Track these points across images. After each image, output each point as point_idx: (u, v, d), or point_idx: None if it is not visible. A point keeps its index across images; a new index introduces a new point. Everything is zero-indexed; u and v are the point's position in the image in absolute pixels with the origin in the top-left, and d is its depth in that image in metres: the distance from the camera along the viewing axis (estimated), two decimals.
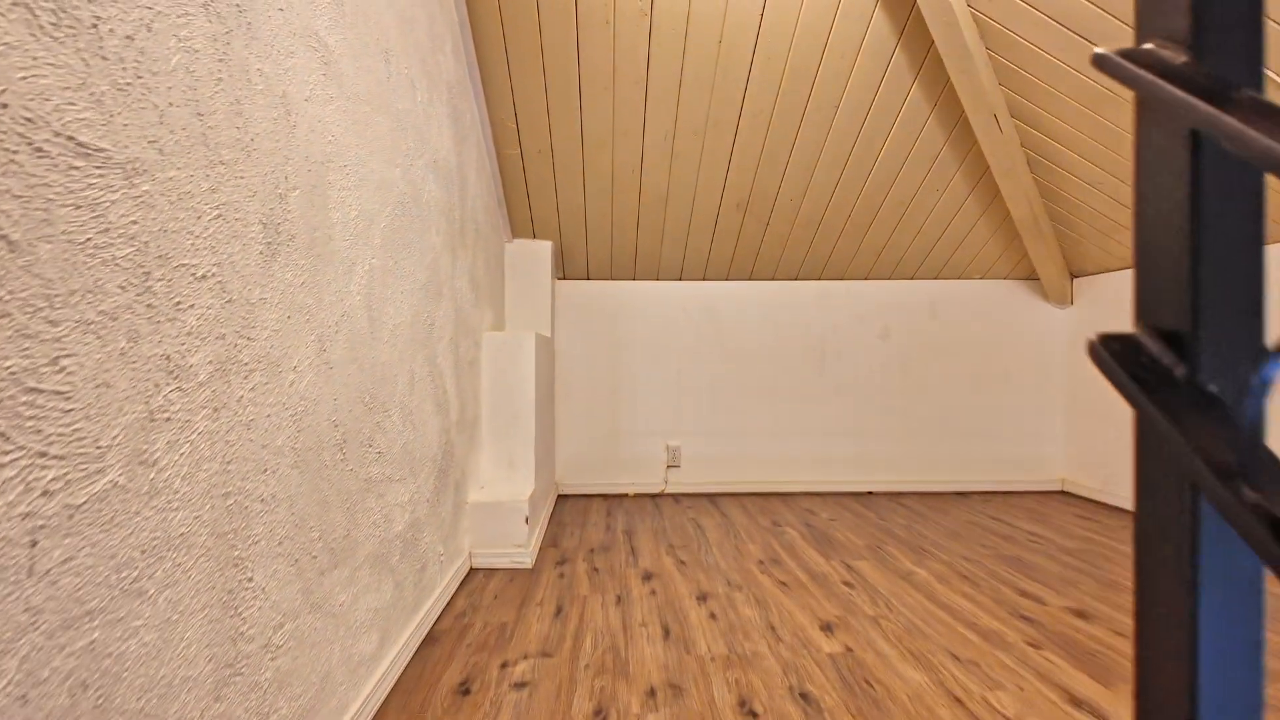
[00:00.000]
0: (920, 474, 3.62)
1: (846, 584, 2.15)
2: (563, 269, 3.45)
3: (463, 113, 2.25)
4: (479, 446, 2.46)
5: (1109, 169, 2.63)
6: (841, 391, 3.59)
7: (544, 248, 3.18)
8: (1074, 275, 3.53)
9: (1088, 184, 2.79)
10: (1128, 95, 2.24)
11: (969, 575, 2.23)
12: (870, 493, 3.55)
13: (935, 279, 3.63)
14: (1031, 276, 3.64)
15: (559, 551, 2.49)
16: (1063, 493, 3.58)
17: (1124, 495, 3.19)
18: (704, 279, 3.54)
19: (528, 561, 2.29)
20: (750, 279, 3.56)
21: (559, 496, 3.42)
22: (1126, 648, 1.67)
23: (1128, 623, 1.83)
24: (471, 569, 2.27)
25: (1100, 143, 2.53)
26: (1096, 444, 3.39)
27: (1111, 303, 3.29)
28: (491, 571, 2.26)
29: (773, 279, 3.57)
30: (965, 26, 2.25)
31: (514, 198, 2.98)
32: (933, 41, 2.41)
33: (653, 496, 3.44)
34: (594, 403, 3.47)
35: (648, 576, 2.21)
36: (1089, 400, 3.45)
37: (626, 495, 3.45)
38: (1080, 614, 1.90)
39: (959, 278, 3.63)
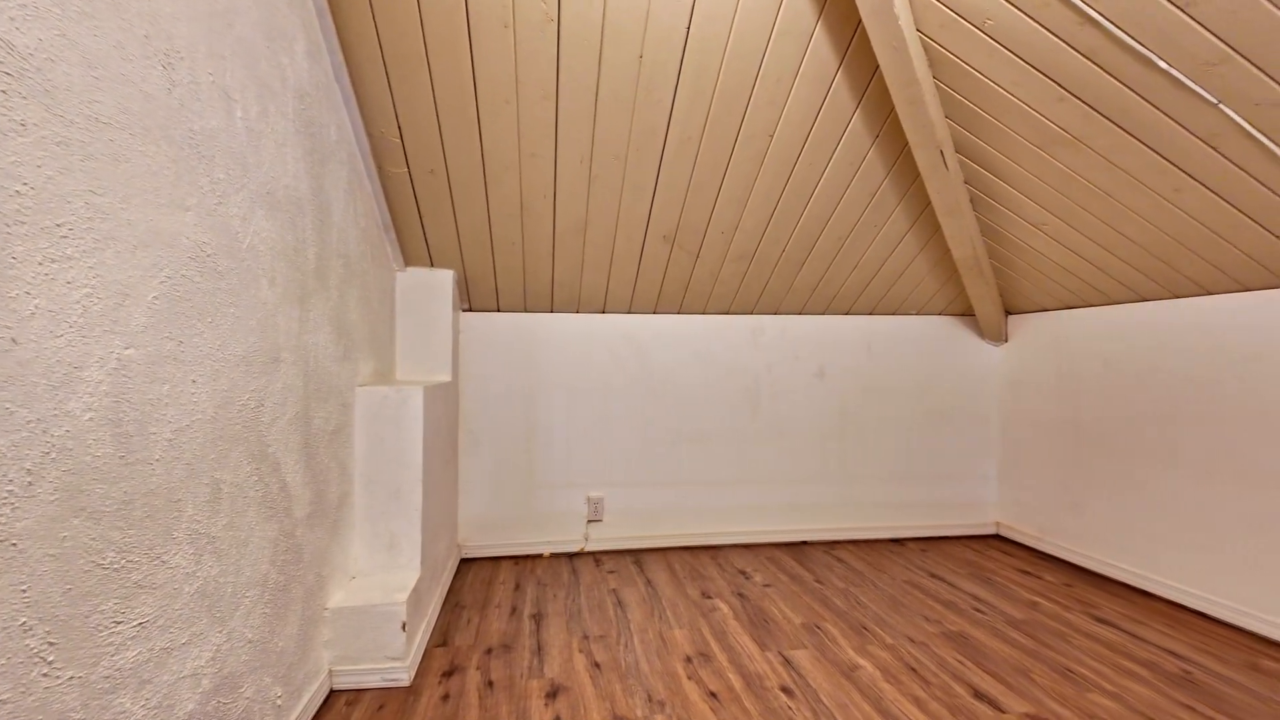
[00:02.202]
0: (856, 521, 3.41)
1: (785, 690, 1.86)
2: (468, 300, 3.03)
3: (323, 126, 1.82)
4: (347, 531, 2.03)
5: (1054, 210, 2.47)
6: (777, 435, 3.34)
7: (444, 278, 2.76)
8: (1009, 313, 3.42)
9: (1031, 224, 2.63)
10: (1084, 136, 2.06)
11: (917, 667, 1.99)
12: (805, 543, 3.31)
13: (871, 314, 3.44)
14: (967, 313, 3.51)
15: (448, 654, 2.08)
16: (998, 537, 3.46)
17: (1061, 544, 3.07)
18: (630, 312, 3.20)
19: (405, 677, 1.88)
20: (680, 312, 3.25)
21: (462, 561, 3.00)
22: None
23: None
24: (332, 692, 1.83)
25: (1048, 183, 2.35)
26: (1031, 485, 3.28)
27: (1046, 341, 3.17)
28: (358, 694, 1.83)
29: (704, 313, 3.28)
30: (914, 53, 2.01)
31: (405, 222, 2.55)
32: (878, 67, 2.16)
33: (570, 557, 3.07)
34: (505, 452, 3.07)
35: (553, 693, 1.84)
36: (1023, 440, 3.33)
37: (541, 556, 3.07)
38: None
39: (894, 313, 3.46)
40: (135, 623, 0.98)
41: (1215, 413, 2.36)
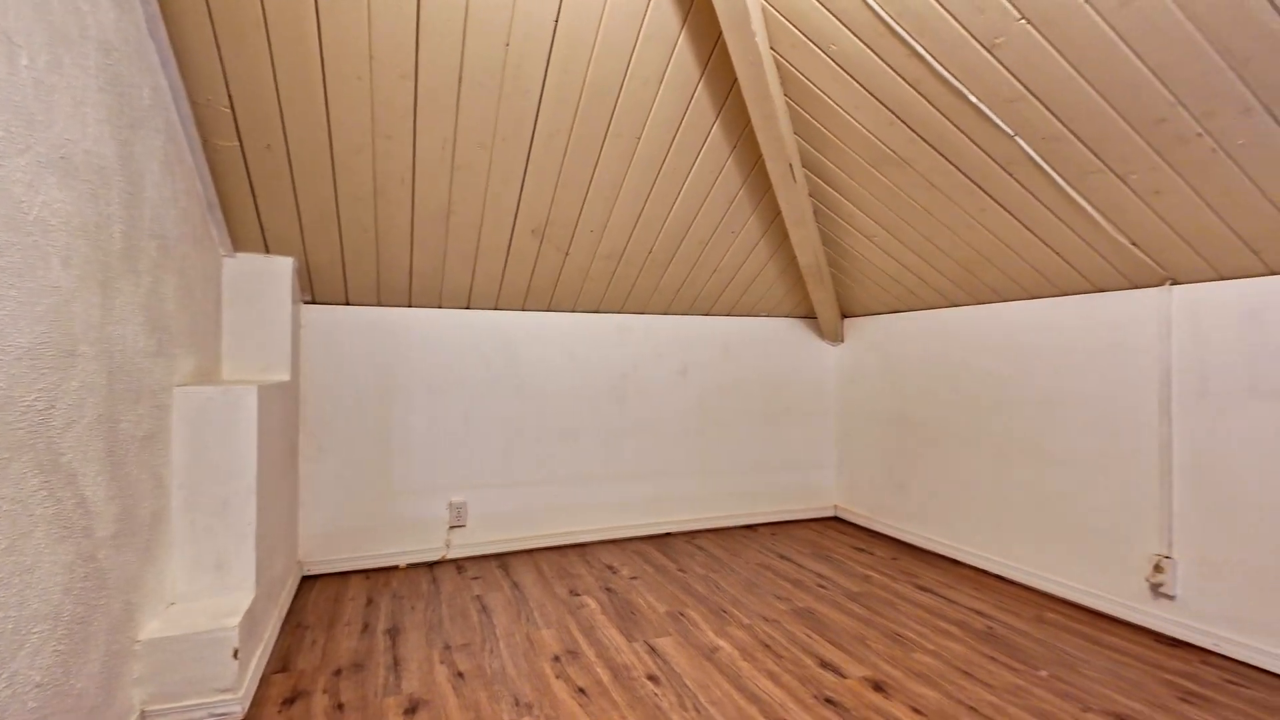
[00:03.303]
0: (715, 510, 3.58)
1: (651, 678, 1.90)
2: (311, 292, 2.77)
3: (134, 87, 1.57)
4: (164, 552, 1.77)
5: (883, 223, 2.76)
6: (642, 431, 3.41)
7: (281, 266, 2.50)
8: (845, 316, 3.77)
9: (864, 236, 2.92)
10: (909, 158, 2.32)
11: (770, 644, 2.13)
12: (668, 534, 3.42)
13: (728, 315, 3.63)
14: (810, 316, 3.82)
15: (290, 679, 1.89)
16: (837, 518, 3.80)
17: (889, 523, 3.44)
18: (497, 308, 3.11)
19: (238, 709, 1.67)
20: (550, 310, 3.22)
21: (304, 579, 2.74)
22: None
23: (919, 693, 1.82)
24: None
25: (878, 199, 2.63)
26: (863, 471, 3.64)
27: (875, 342, 3.54)
28: None
29: (573, 311, 3.27)
30: (769, 70, 2.15)
31: (235, 203, 2.28)
32: (736, 80, 2.29)
33: (431, 566, 2.92)
34: (356, 457, 2.85)
35: (412, 708, 1.73)
36: (857, 430, 3.70)
37: (397, 568, 2.88)
38: (878, 687, 1.86)
39: (749, 315, 3.68)
40: None
41: (1009, 403, 2.77)
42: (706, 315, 3.58)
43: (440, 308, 3.00)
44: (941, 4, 1.72)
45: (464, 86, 2.10)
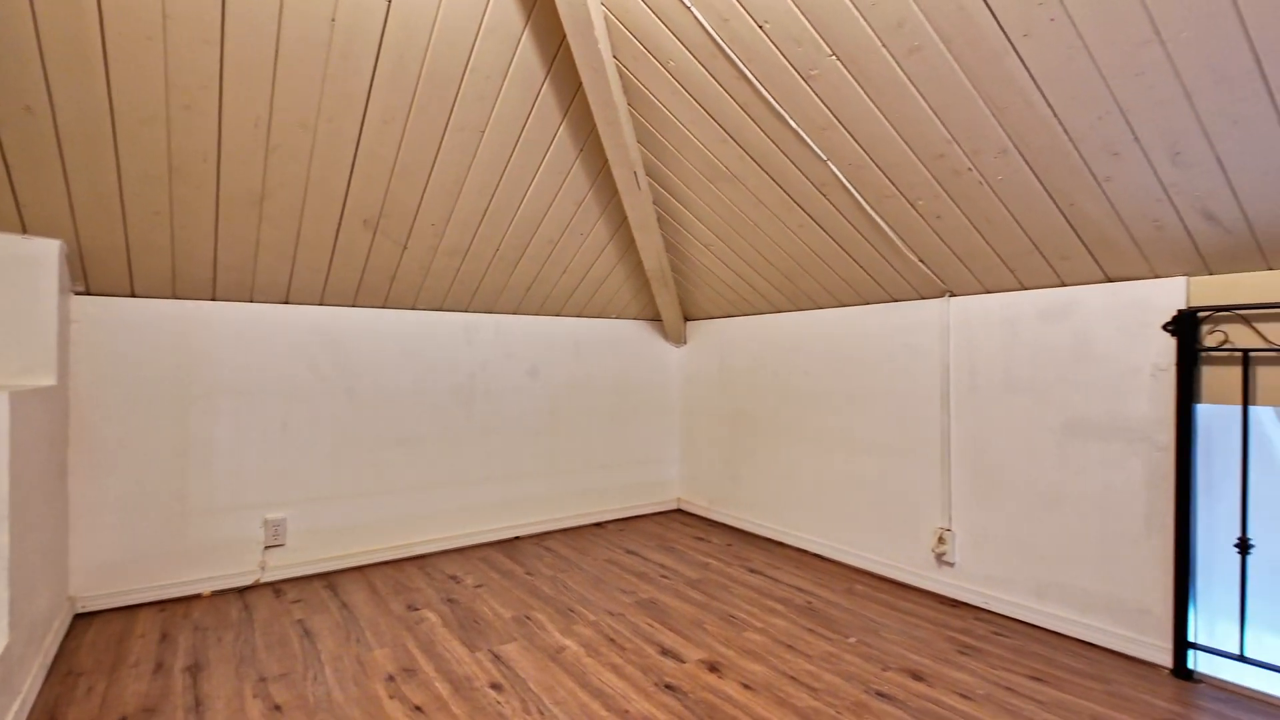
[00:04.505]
0: (564, 510, 3.59)
1: (494, 686, 1.86)
2: (85, 281, 2.36)
3: None
4: None
5: (718, 234, 2.95)
6: (490, 433, 3.32)
7: (45, 250, 2.10)
8: (687, 319, 3.96)
9: (702, 244, 3.09)
10: (739, 174, 2.49)
11: (615, 637, 2.18)
12: (517, 538, 3.36)
13: (579, 316, 3.65)
14: (656, 318, 3.96)
15: None
16: (679, 510, 3.98)
17: (725, 512, 3.67)
18: (322, 303, 2.85)
19: None
20: (386, 306, 3.01)
21: (76, 617, 2.32)
22: (756, 705, 1.76)
23: (749, 669, 1.96)
24: None
25: (715, 212, 2.79)
26: (703, 464, 3.85)
27: (714, 344, 3.77)
28: None
29: (414, 308, 3.09)
30: (612, 78, 2.20)
31: None
32: (580, 84, 2.31)
33: (242, 592, 2.61)
34: (144, 473, 2.46)
35: None
36: (697, 426, 3.90)
37: (200, 597, 2.54)
38: (713, 668, 1.97)
39: (599, 316, 3.73)
40: None
41: (826, 399, 3.08)
42: (557, 316, 3.57)
43: (252, 302, 2.69)
44: (765, 32, 1.88)
45: (281, 60, 1.91)
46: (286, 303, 2.77)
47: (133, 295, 2.46)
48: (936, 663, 2.01)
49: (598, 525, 3.65)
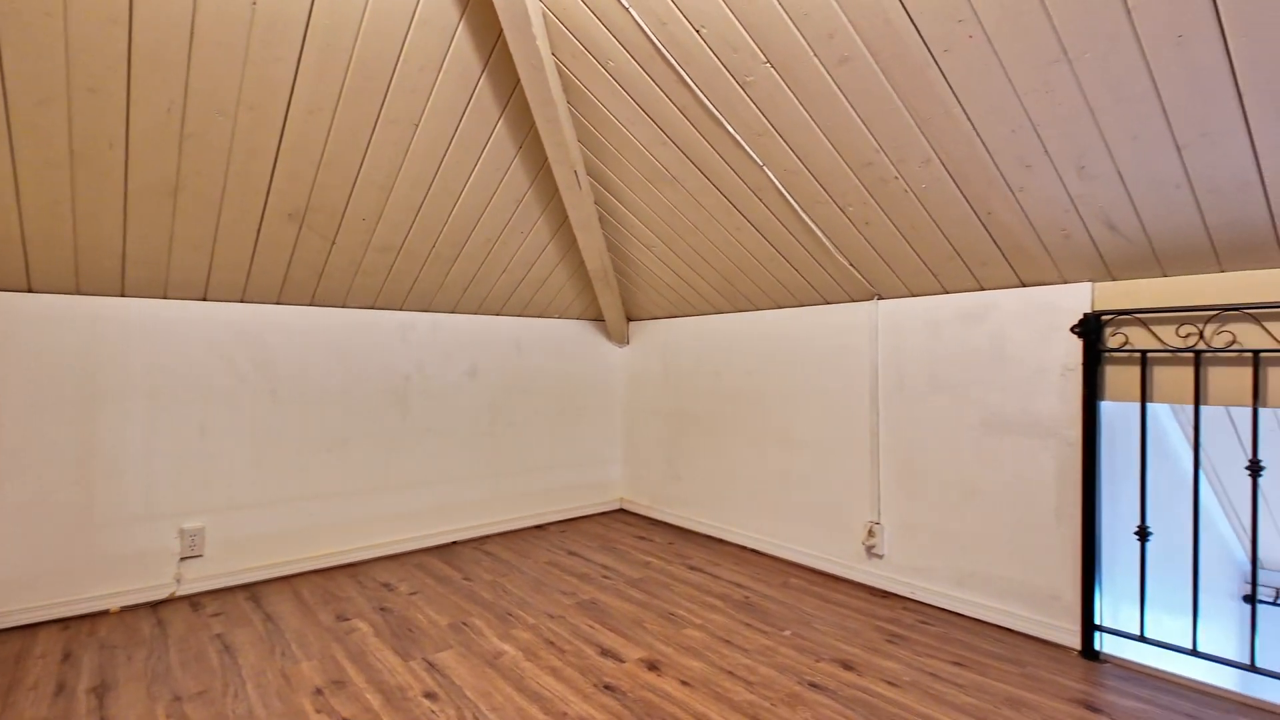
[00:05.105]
0: (504, 513, 3.53)
1: (429, 695, 1.81)
2: None
3: None
4: None
5: (660, 235, 2.96)
6: (427, 436, 3.23)
7: None
8: (630, 318, 3.97)
9: (643, 245, 3.10)
10: (679, 177, 2.51)
11: (555, 640, 2.16)
12: (455, 543, 3.29)
13: (520, 316, 3.61)
14: (599, 318, 3.95)
15: None
16: (622, 510, 3.98)
17: (668, 510, 3.70)
18: (244, 300, 2.71)
19: None
20: (314, 304, 2.89)
21: None
22: (694, 701, 1.78)
23: (688, 666, 1.98)
24: None
25: (656, 213, 2.81)
26: (646, 463, 3.87)
27: (657, 344, 3.79)
28: None
29: (344, 306, 2.98)
30: (551, 76, 2.18)
31: None
32: (519, 81, 2.28)
33: (155, 606, 2.45)
34: (41, 482, 2.28)
35: None
36: (640, 426, 3.92)
37: (108, 613, 2.38)
38: (652, 666, 1.98)
39: (541, 316, 3.69)
40: None
41: (763, 398, 3.14)
42: (498, 315, 3.51)
43: (166, 299, 2.54)
44: (702, 37, 1.90)
45: (196, 43, 1.80)
46: (205, 300, 2.62)
47: (29, 290, 2.27)
48: (866, 652, 2.08)
49: (539, 527, 3.62)
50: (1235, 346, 1.81)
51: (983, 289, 2.32)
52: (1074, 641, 2.11)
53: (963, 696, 1.81)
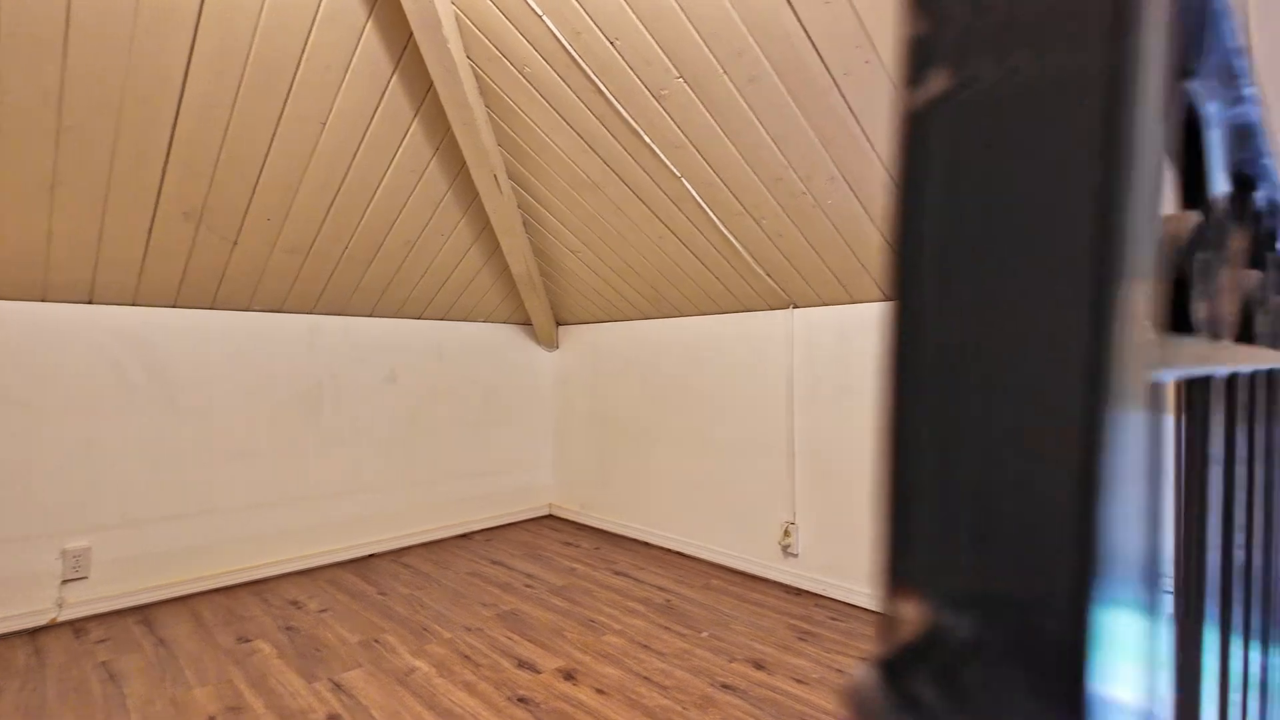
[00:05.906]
0: (425, 523, 3.44)
1: (332, 718, 1.75)
2: None
3: None
4: None
5: (585, 241, 2.96)
6: (341, 444, 3.11)
7: None
8: (559, 323, 3.95)
9: (569, 250, 3.09)
10: (601, 184, 2.52)
11: (470, 654, 2.12)
12: (371, 555, 3.19)
13: (443, 320, 3.52)
14: (526, 322, 3.91)
15: None
16: (551, 516, 3.96)
17: (596, 515, 3.70)
18: (134, 304, 2.54)
19: None
20: (214, 308, 2.73)
21: None
22: (607, 710, 1.79)
23: (604, 673, 1.99)
24: None
25: (579, 219, 2.81)
26: (575, 468, 3.86)
27: (585, 348, 3.79)
28: None
29: (248, 310, 2.83)
30: (465, 79, 2.14)
31: None
32: (432, 83, 2.23)
33: (33, 634, 2.26)
34: None
35: None
36: (570, 431, 3.91)
37: None
38: (568, 676, 1.98)
39: (466, 319, 3.62)
40: None
41: (688, 402, 3.19)
42: (419, 319, 3.42)
43: (45, 301, 2.35)
44: (617, 49, 1.91)
45: (73, 30, 1.67)
46: (90, 303, 2.44)
47: None
48: (778, 650, 2.15)
49: (464, 536, 3.55)
50: None
51: (887, 299, 2.43)
52: None
53: None
